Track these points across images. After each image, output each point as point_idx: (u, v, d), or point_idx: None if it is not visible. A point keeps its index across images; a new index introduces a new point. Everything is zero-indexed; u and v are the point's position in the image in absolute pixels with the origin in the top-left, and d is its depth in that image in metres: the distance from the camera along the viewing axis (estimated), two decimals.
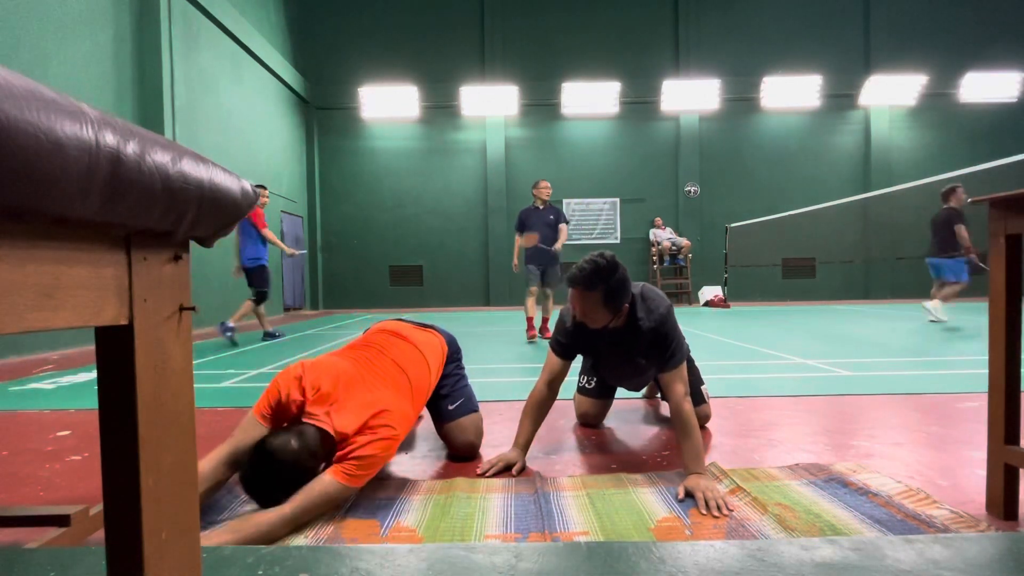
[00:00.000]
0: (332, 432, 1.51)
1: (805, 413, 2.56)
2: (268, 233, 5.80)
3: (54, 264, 0.47)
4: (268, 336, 6.10)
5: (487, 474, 1.77)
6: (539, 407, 1.96)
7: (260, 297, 5.86)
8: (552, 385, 1.98)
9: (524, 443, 1.90)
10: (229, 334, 5.56)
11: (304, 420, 1.53)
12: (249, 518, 1.36)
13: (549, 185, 5.77)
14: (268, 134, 10.26)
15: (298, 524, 1.40)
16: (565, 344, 2.00)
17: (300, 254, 6.25)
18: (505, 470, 1.82)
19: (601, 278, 1.75)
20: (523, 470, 1.83)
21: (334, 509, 1.51)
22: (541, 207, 5.68)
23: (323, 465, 1.53)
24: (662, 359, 1.86)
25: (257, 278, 5.83)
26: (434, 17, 12.43)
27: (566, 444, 2.17)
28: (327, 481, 1.44)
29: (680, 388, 1.79)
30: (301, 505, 1.40)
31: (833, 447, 2.05)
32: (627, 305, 1.83)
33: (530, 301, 5.58)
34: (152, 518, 0.58)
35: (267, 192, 6.21)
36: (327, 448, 1.51)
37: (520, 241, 5.63)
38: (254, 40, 9.40)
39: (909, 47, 12.46)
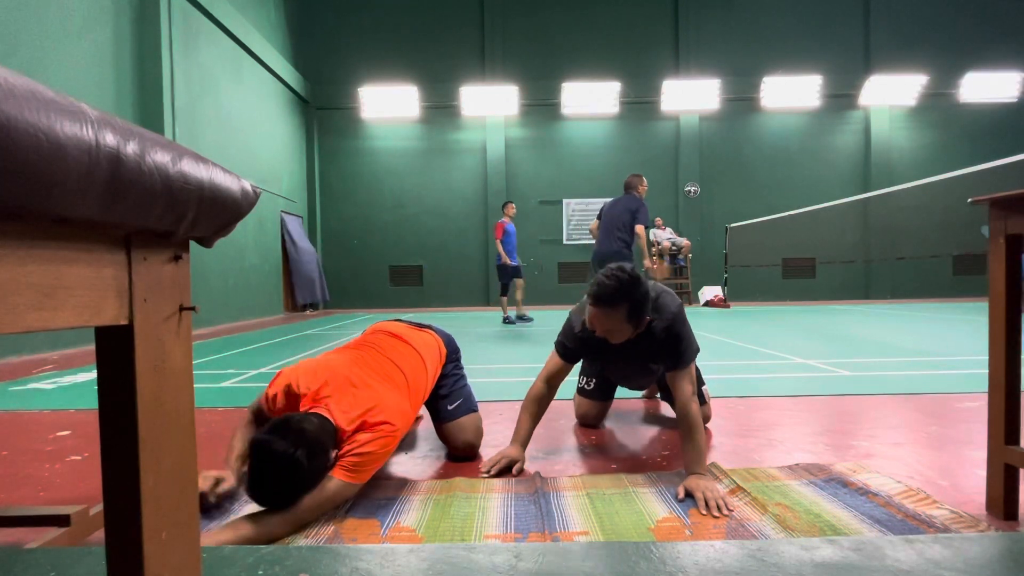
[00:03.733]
0: (333, 422, 1.50)
1: (805, 413, 2.56)
2: (497, 243, 7.58)
3: (54, 264, 0.48)
4: (508, 320, 7.75)
5: (490, 472, 1.76)
6: (538, 403, 1.95)
7: (503, 289, 7.77)
8: (551, 383, 1.97)
9: (524, 439, 1.89)
10: (524, 321, 7.74)
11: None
12: (250, 517, 1.36)
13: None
14: (268, 134, 10.26)
15: (301, 524, 1.39)
16: (571, 348, 1.98)
17: (512, 265, 7.71)
18: (507, 468, 1.80)
19: (626, 295, 1.69)
20: (522, 469, 1.82)
21: (334, 509, 1.51)
22: None
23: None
24: (671, 359, 1.84)
25: (499, 274, 7.76)
26: (434, 17, 12.43)
27: (566, 444, 2.17)
28: (330, 480, 1.44)
29: (688, 388, 1.79)
30: (304, 504, 1.39)
31: (833, 447, 2.05)
32: (648, 318, 1.80)
33: None
34: (152, 518, 0.58)
35: (513, 206, 7.86)
36: (334, 438, 1.48)
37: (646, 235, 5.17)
38: (254, 40, 9.40)
39: (909, 47, 12.46)
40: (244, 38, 8.99)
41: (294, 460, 1.33)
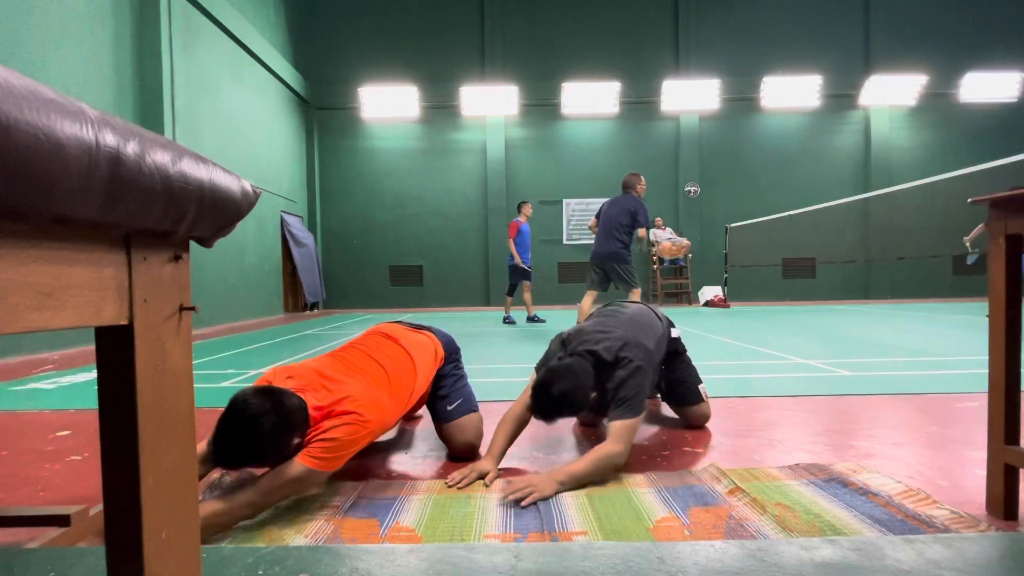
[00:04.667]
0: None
1: (805, 413, 2.56)
2: (510, 242, 7.45)
3: (54, 264, 0.48)
4: (508, 320, 7.65)
5: (460, 485, 1.69)
6: (516, 423, 1.92)
7: (510, 289, 7.66)
8: (531, 408, 1.95)
9: (498, 453, 1.85)
10: (535, 322, 7.55)
11: None
12: (216, 499, 1.37)
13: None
14: (268, 134, 10.26)
15: (260, 507, 1.40)
16: None
17: (524, 267, 7.55)
18: (479, 479, 1.75)
19: (558, 410, 1.79)
20: (494, 479, 1.77)
21: (333, 509, 1.52)
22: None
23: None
24: (612, 399, 1.84)
25: (510, 273, 7.62)
26: (434, 17, 12.43)
27: (566, 444, 2.17)
28: (292, 463, 1.44)
29: (615, 437, 1.75)
30: (263, 486, 1.39)
31: (833, 447, 2.05)
32: (594, 394, 1.87)
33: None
34: (152, 518, 0.58)
35: (530, 206, 7.67)
36: (306, 423, 1.49)
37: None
38: (254, 40, 9.40)
39: (909, 47, 12.46)
40: (244, 38, 8.99)
41: (259, 425, 1.33)
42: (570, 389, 1.77)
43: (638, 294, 5.02)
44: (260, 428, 1.33)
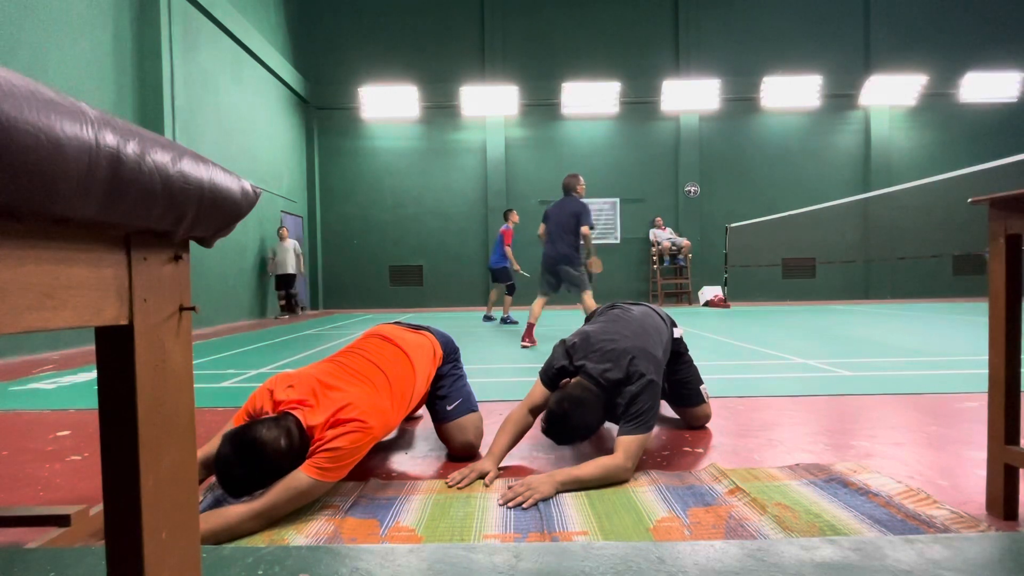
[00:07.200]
0: (304, 425, 1.52)
1: (805, 413, 2.56)
2: (507, 250, 7.61)
3: (54, 264, 0.48)
4: (508, 320, 7.71)
5: (460, 485, 1.69)
6: (518, 426, 1.92)
7: (509, 289, 7.74)
8: (533, 413, 1.96)
9: (499, 453, 1.84)
10: (506, 323, 7.59)
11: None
12: (218, 511, 1.37)
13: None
14: (268, 134, 10.26)
15: (268, 519, 1.40)
16: (553, 378, 1.99)
17: (524, 274, 7.92)
18: (479, 479, 1.75)
19: (570, 440, 1.82)
20: (494, 479, 1.76)
21: (334, 510, 1.52)
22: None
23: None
24: (624, 415, 1.81)
25: (502, 276, 7.73)
26: (434, 17, 12.43)
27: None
28: (297, 476, 1.44)
29: (625, 450, 1.73)
30: (270, 500, 1.40)
31: (833, 447, 2.05)
32: (603, 417, 1.84)
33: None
34: (152, 518, 0.58)
35: (516, 214, 7.88)
36: (304, 440, 1.51)
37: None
38: (254, 40, 9.40)
39: (909, 47, 12.46)
40: (244, 38, 8.99)
41: (246, 481, 1.39)
42: (581, 421, 1.79)
43: (590, 295, 5.05)
44: (248, 482, 1.39)
